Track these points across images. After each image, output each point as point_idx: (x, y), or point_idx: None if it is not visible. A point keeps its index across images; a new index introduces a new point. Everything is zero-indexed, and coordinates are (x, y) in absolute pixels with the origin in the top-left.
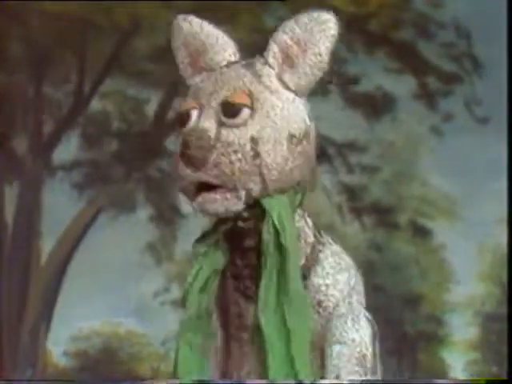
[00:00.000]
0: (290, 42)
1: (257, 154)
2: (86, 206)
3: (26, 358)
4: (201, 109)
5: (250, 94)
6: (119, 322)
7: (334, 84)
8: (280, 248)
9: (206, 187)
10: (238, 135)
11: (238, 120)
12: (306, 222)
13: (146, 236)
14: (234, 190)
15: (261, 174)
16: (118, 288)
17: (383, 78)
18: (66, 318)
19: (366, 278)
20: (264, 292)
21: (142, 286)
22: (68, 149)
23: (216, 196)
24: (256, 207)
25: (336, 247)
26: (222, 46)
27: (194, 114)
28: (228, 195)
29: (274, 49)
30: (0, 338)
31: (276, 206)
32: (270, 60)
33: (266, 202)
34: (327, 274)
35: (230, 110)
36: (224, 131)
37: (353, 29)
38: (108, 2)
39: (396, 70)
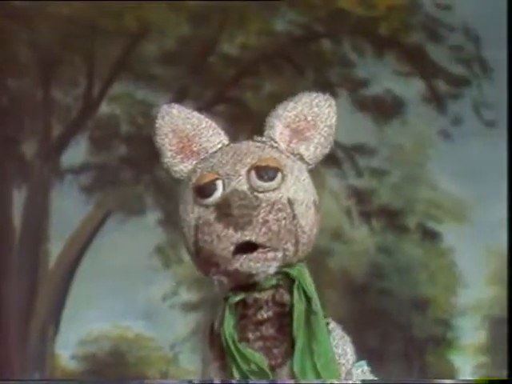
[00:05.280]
0: (294, 117)
1: (294, 216)
2: (94, 209)
3: (33, 362)
4: (224, 179)
5: (277, 161)
6: (128, 325)
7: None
8: (309, 316)
9: (243, 249)
10: (276, 197)
11: (273, 184)
12: None
13: (154, 239)
14: (273, 249)
15: (295, 236)
16: (126, 291)
17: (392, 81)
18: (75, 322)
19: (374, 282)
20: (300, 356)
21: (151, 290)
22: (77, 152)
23: (258, 255)
24: (275, 276)
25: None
26: (215, 129)
27: (220, 183)
28: (268, 255)
29: (278, 125)
30: (8, 341)
31: (304, 274)
32: (277, 136)
33: (294, 270)
34: (337, 344)
35: (266, 173)
36: (261, 195)
37: (361, 31)
38: (116, 6)
39: (405, 74)
